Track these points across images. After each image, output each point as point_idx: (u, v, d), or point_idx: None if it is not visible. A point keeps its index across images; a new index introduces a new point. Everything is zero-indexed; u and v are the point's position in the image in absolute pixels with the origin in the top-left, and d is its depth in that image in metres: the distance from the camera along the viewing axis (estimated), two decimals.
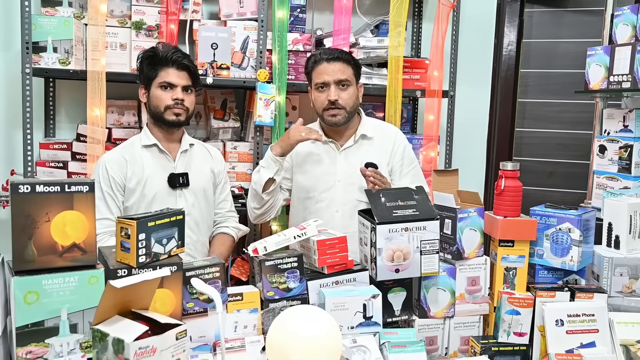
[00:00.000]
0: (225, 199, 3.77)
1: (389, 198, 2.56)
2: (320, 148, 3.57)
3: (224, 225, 3.72)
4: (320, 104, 3.48)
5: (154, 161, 3.49)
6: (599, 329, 2.49)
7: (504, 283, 2.66)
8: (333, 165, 3.54)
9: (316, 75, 3.50)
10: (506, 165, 2.67)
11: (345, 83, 3.46)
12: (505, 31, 5.12)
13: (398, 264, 2.48)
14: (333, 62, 3.47)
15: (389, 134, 3.66)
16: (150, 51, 3.50)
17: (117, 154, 3.49)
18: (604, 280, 2.68)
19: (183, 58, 3.46)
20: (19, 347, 2.01)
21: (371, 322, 2.43)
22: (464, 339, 2.68)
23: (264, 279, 2.45)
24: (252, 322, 2.40)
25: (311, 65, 3.55)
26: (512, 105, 5.25)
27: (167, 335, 1.90)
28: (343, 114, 3.45)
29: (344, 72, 3.47)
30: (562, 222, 2.61)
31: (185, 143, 3.58)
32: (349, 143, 3.56)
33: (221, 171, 3.73)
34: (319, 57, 3.51)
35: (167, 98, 3.41)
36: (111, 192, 3.39)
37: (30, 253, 2.02)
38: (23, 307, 2.00)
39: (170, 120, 3.43)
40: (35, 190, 2.01)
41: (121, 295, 1.94)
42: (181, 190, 3.48)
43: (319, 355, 1.97)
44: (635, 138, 3.85)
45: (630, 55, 3.73)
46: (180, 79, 3.44)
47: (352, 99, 3.48)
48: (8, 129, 4.37)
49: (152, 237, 2.22)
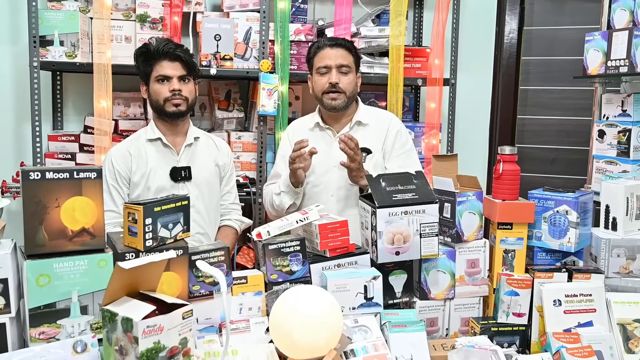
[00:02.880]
0: (230, 191, 3.84)
1: (389, 182, 2.61)
2: (317, 135, 3.64)
3: (227, 218, 3.79)
4: (320, 87, 3.57)
5: (158, 155, 3.56)
6: (596, 308, 2.52)
7: (503, 265, 2.70)
8: (329, 151, 3.60)
9: (318, 59, 3.59)
10: (504, 150, 2.72)
11: (346, 69, 3.56)
12: (506, 19, 5.17)
13: (398, 246, 2.53)
14: (335, 48, 3.58)
15: (383, 120, 3.74)
16: (143, 48, 3.59)
17: (122, 148, 3.58)
18: (601, 261, 2.72)
19: (175, 49, 3.52)
20: (32, 327, 2.08)
21: (372, 303, 2.48)
22: (464, 320, 2.73)
23: (268, 263, 2.50)
24: (257, 304, 2.46)
25: (314, 51, 3.64)
26: (514, 93, 5.29)
27: (173, 314, 1.96)
28: (342, 98, 3.55)
29: (346, 58, 3.57)
30: (560, 205, 2.65)
31: (190, 136, 3.64)
32: (345, 129, 3.64)
33: (227, 163, 3.79)
34: (322, 43, 3.62)
35: (165, 90, 3.49)
36: (116, 185, 3.48)
37: (42, 237, 2.09)
38: (35, 289, 2.06)
39: (170, 111, 3.51)
40: (45, 177, 2.08)
41: (129, 277, 2.00)
42: (184, 184, 3.55)
43: (319, 331, 2.02)
44: (634, 122, 3.90)
45: (628, 40, 3.78)
46: (175, 70, 3.50)
47: (351, 84, 3.57)
48: (17, 122, 4.44)
49: (158, 222, 2.28)
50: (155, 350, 1.91)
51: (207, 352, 2.16)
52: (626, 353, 2.42)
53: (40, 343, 2.08)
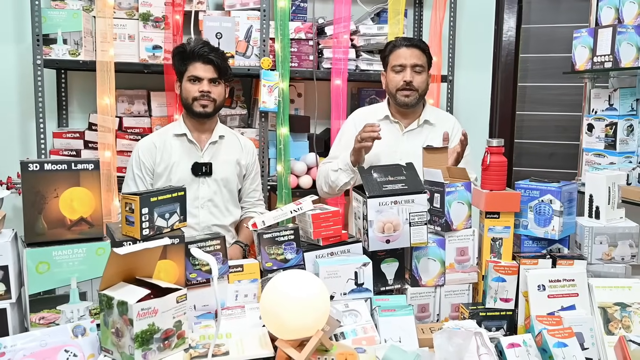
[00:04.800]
0: (256, 189, 4.00)
1: (380, 174, 2.69)
2: (385, 127, 3.66)
3: (251, 210, 3.94)
4: (395, 84, 3.71)
5: (182, 149, 3.70)
6: (578, 293, 2.58)
7: (491, 253, 2.75)
8: (396, 145, 3.74)
9: (394, 58, 3.73)
10: (491, 142, 2.78)
11: (420, 68, 3.70)
12: (504, 17, 5.25)
13: (388, 235, 2.61)
14: (411, 48, 3.72)
15: (448, 121, 3.91)
16: (180, 47, 3.72)
17: (149, 140, 3.73)
18: (585, 248, 2.78)
19: (209, 52, 3.64)
20: (32, 313, 2.17)
21: (362, 289, 2.55)
22: (454, 306, 2.79)
23: (263, 251, 2.58)
24: (252, 291, 2.55)
25: (389, 49, 3.78)
26: (513, 89, 5.37)
27: (167, 298, 2.05)
28: (415, 95, 3.69)
29: (420, 58, 3.71)
30: (544, 194, 2.72)
31: (216, 135, 3.78)
32: (413, 126, 3.79)
33: (251, 163, 3.92)
34: (399, 42, 3.75)
35: (195, 90, 3.62)
36: (141, 175, 3.65)
37: (41, 226, 2.17)
38: (35, 276, 2.15)
39: (197, 111, 3.65)
40: (44, 169, 2.17)
41: (125, 263, 2.09)
42: (204, 178, 3.69)
43: (306, 313, 2.07)
44: (620, 116, 4.00)
45: (612, 37, 3.89)
46: (207, 72, 3.63)
47: (424, 83, 3.73)
48: (22, 120, 4.53)
49: (155, 212, 2.37)
50: (150, 332, 2.00)
51: (202, 335, 2.24)
52: (606, 334, 2.48)
53: (41, 328, 2.16)
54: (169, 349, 2.07)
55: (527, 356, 2.32)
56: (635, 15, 3.93)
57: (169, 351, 2.07)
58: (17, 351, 1.98)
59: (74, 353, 2.03)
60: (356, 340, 2.32)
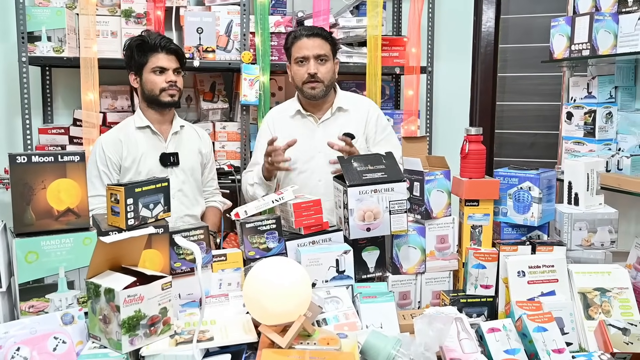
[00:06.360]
0: (213, 177, 4.05)
1: (360, 163, 2.73)
2: (298, 122, 3.74)
3: (212, 200, 3.99)
4: (300, 78, 3.65)
5: (147, 141, 3.71)
6: (558, 278, 2.63)
7: (471, 240, 2.80)
8: (312, 138, 3.70)
9: (296, 50, 3.66)
10: (470, 131, 2.83)
11: (324, 58, 3.63)
12: (483, 8, 5.28)
13: (369, 223, 2.65)
14: (312, 38, 3.64)
15: (362, 105, 3.84)
16: (138, 39, 3.70)
17: (113, 135, 3.71)
18: (564, 235, 2.82)
19: (170, 43, 3.68)
20: (22, 301, 2.21)
21: (344, 276, 2.60)
22: (435, 293, 2.84)
23: (245, 240, 2.63)
24: (236, 279, 2.60)
25: (291, 40, 3.71)
26: (493, 80, 5.40)
27: (153, 285, 2.09)
28: (321, 87, 3.63)
29: (323, 47, 3.64)
30: (523, 182, 2.76)
31: (177, 125, 3.80)
32: (327, 115, 3.74)
33: (209, 152, 3.97)
34: (299, 33, 3.68)
35: (161, 81, 3.64)
36: (107, 171, 3.61)
37: (29, 217, 2.22)
38: (24, 265, 2.20)
39: (166, 101, 3.66)
40: (32, 161, 2.22)
41: (111, 252, 2.14)
42: (172, 169, 3.70)
43: (288, 298, 2.12)
44: (598, 103, 4.06)
45: (589, 25, 3.94)
46: (171, 62, 3.66)
47: (329, 73, 3.65)
48: (8, 116, 4.57)
49: (139, 202, 2.42)
50: (136, 318, 2.04)
51: (187, 322, 2.28)
52: (586, 319, 2.52)
53: (30, 316, 2.20)
54: (155, 335, 2.12)
55: (507, 340, 2.35)
56: (612, 3, 3.97)
57: (155, 337, 2.11)
58: (8, 338, 2.01)
59: (62, 340, 2.07)
60: (338, 326, 2.36)
